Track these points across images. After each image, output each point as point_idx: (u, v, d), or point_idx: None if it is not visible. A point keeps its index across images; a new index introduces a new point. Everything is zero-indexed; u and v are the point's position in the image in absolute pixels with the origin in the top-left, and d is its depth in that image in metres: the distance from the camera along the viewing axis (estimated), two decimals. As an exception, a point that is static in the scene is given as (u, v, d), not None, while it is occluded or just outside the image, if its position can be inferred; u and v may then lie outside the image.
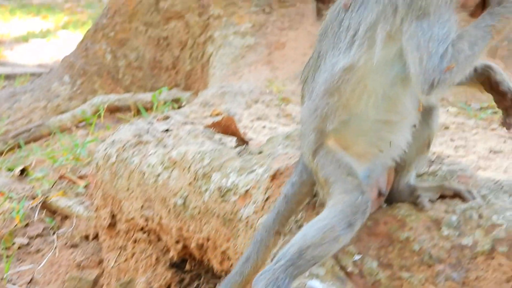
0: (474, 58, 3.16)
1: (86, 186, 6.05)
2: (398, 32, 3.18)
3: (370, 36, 3.24)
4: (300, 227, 3.62)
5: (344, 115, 3.36)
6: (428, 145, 3.64)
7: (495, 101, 3.54)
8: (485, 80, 3.46)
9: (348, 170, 3.38)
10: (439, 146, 5.51)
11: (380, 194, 3.51)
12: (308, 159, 3.53)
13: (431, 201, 3.55)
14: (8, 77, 12.03)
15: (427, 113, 3.56)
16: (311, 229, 3.28)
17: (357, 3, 3.31)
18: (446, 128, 6.20)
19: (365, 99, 3.31)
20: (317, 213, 3.55)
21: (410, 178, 3.63)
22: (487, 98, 7.27)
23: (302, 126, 3.60)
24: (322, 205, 3.51)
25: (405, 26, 3.16)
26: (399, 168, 3.59)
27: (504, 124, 3.50)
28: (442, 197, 3.58)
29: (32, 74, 11.86)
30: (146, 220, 4.80)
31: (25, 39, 15.63)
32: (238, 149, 4.44)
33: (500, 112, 3.45)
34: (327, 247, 3.23)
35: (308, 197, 3.69)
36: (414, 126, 3.48)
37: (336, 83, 3.32)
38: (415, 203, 3.56)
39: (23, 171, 6.70)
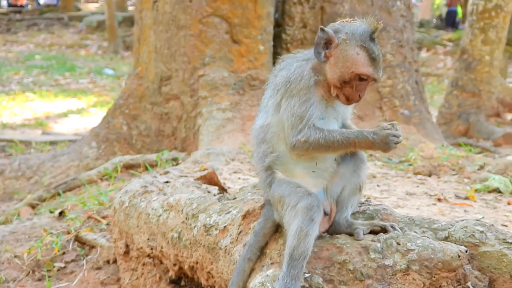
0: (325, 149, 3.33)
1: (107, 224, 5.99)
2: (280, 105, 3.39)
3: (270, 105, 3.45)
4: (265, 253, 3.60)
5: (274, 153, 3.50)
6: (360, 190, 3.61)
7: None
8: None
9: (297, 185, 3.42)
10: (368, 190, 5.49)
11: (325, 213, 3.48)
12: (266, 191, 3.58)
13: (364, 234, 3.52)
14: (52, 143, 12.02)
15: (357, 166, 3.56)
16: (289, 238, 3.26)
17: (267, 85, 3.55)
18: (374, 177, 6.18)
19: (282, 144, 3.45)
20: (279, 236, 3.57)
21: (348, 214, 3.59)
22: (404, 154, 7.34)
23: (256, 171, 3.79)
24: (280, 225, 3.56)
25: (282, 101, 3.37)
26: (339, 206, 3.57)
27: None
28: (372, 231, 3.55)
29: (70, 141, 11.83)
30: (151, 249, 4.74)
31: (65, 114, 15.64)
32: (218, 196, 4.41)
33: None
34: (304, 243, 3.20)
35: (271, 230, 3.63)
36: (335, 159, 3.56)
37: (260, 135, 3.53)
38: (351, 234, 3.52)
39: (61, 213, 6.63)
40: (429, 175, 6.48)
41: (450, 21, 35.44)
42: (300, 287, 3.24)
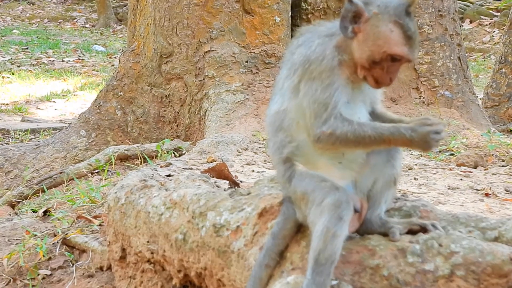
0: (355, 144, 3.31)
1: (100, 225, 6.01)
2: (298, 88, 3.37)
3: (287, 87, 3.44)
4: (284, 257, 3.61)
5: (293, 143, 3.49)
6: (395, 183, 3.61)
7: None
8: None
9: (321, 178, 3.41)
10: (404, 185, 5.48)
11: (355, 210, 3.47)
12: (285, 187, 3.58)
13: (400, 234, 3.52)
14: (33, 131, 12.05)
15: (391, 156, 3.56)
16: (314, 240, 3.26)
17: (283, 63, 3.54)
18: (410, 169, 6.18)
19: (302, 131, 3.43)
20: (302, 237, 3.58)
21: (381, 211, 3.58)
22: (445, 142, 7.33)
23: (272, 163, 3.78)
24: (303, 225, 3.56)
25: (301, 85, 3.35)
26: (371, 202, 3.57)
27: None
28: (410, 231, 3.55)
29: (54, 129, 11.88)
30: (152, 253, 4.76)
31: (48, 98, 15.69)
32: (229, 191, 4.42)
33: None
34: (331, 245, 3.21)
35: (292, 232, 3.64)
36: None
37: (277, 122, 3.52)
38: (385, 234, 3.52)
39: (46, 212, 6.65)
40: (475, 167, 6.46)
41: None
42: (327, 296, 3.25)
